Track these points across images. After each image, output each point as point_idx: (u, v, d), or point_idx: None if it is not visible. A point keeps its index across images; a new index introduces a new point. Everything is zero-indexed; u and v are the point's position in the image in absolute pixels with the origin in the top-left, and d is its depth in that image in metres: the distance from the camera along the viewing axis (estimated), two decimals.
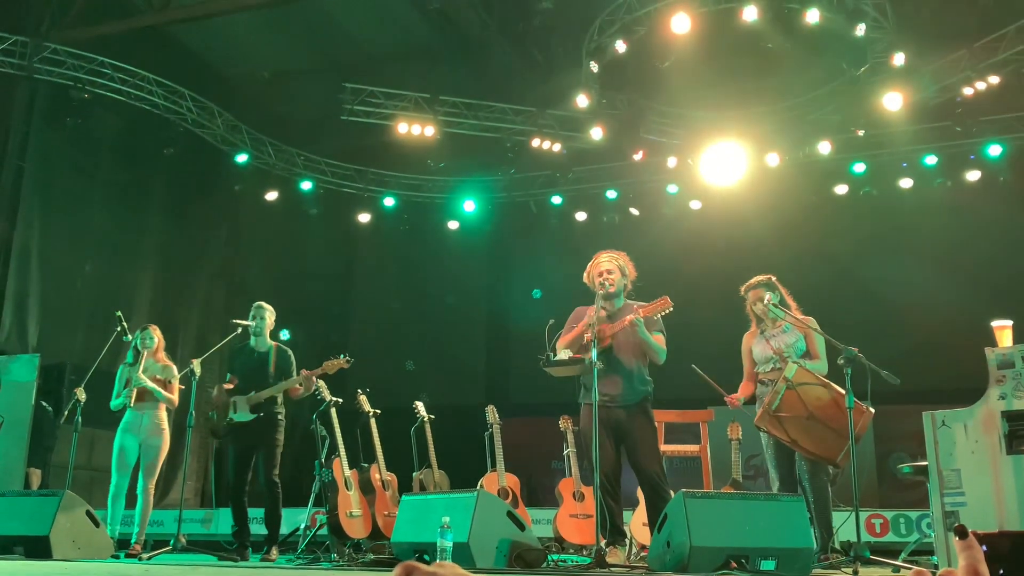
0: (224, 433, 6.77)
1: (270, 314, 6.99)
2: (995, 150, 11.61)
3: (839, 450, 5.26)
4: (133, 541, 6.79)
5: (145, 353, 7.08)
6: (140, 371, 6.99)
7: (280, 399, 6.82)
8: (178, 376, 7.19)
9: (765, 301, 5.70)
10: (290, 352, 6.93)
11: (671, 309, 5.66)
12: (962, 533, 0.67)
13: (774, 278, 5.95)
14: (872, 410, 5.36)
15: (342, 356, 6.92)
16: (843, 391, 5.22)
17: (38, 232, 10.53)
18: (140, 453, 7.01)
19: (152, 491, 7.03)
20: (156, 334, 7.23)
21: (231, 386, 6.82)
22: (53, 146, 10.87)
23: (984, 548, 0.67)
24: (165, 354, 7.33)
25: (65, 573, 4.68)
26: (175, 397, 7.17)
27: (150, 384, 6.97)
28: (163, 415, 7.10)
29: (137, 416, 7.00)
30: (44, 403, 9.01)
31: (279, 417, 6.79)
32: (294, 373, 6.83)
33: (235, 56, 12.83)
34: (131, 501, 7.03)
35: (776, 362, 5.72)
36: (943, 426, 4.90)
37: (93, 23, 10.72)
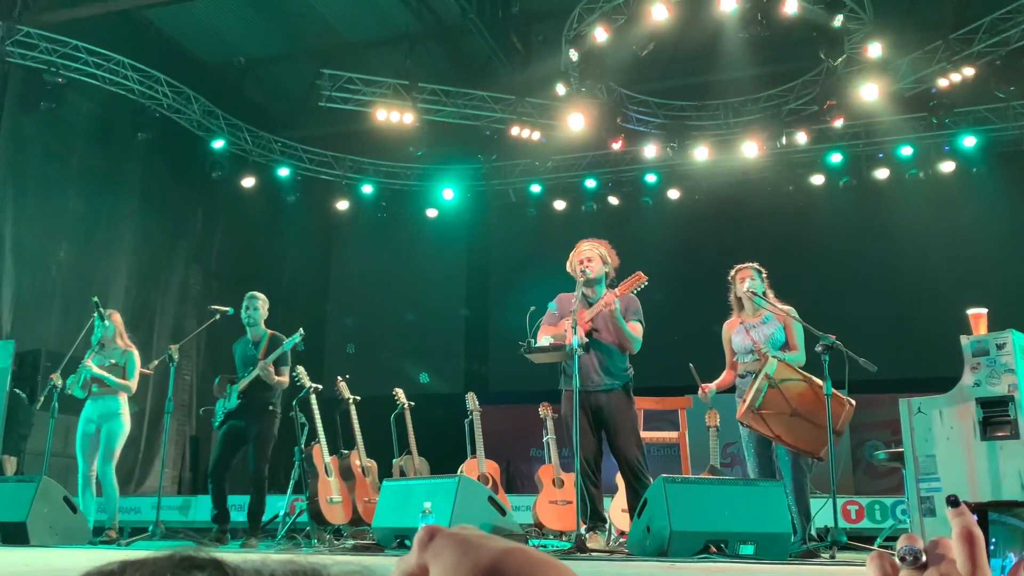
0: (221, 421, 6.78)
1: (263, 303, 6.99)
2: (969, 141, 11.74)
3: (822, 445, 5.31)
4: (107, 526, 6.69)
5: (105, 340, 6.99)
6: (90, 359, 6.88)
7: (277, 391, 6.81)
8: (139, 362, 7.08)
9: (744, 287, 5.73)
10: (284, 337, 6.88)
11: (646, 283, 5.69)
12: (954, 502, 0.69)
13: (763, 270, 5.97)
14: (853, 403, 5.42)
15: (297, 334, 6.87)
16: (822, 382, 5.27)
17: (11, 217, 10.39)
18: (101, 438, 6.90)
19: (114, 475, 6.92)
20: (115, 320, 7.14)
21: (231, 378, 6.84)
22: (26, 130, 10.72)
23: (975, 517, 0.70)
24: (128, 338, 7.23)
25: (43, 559, 4.65)
26: (132, 383, 7.00)
27: (98, 372, 6.84)
28: (122, 400, 6.96)
29: (94, 403, 6.91)
30: (18, 390, 8.92)
31: (271, 408, 6.76)
32: (286, 356, 6.84)
33: (211, 41, 12.71)
34: (100, 488, 6.95)
35: (755, 355, 5.73)
36: (919, 413, 4.97)
37: (67, 6, 10.57)
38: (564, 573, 0.51)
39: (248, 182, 13.00)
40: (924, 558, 0.63)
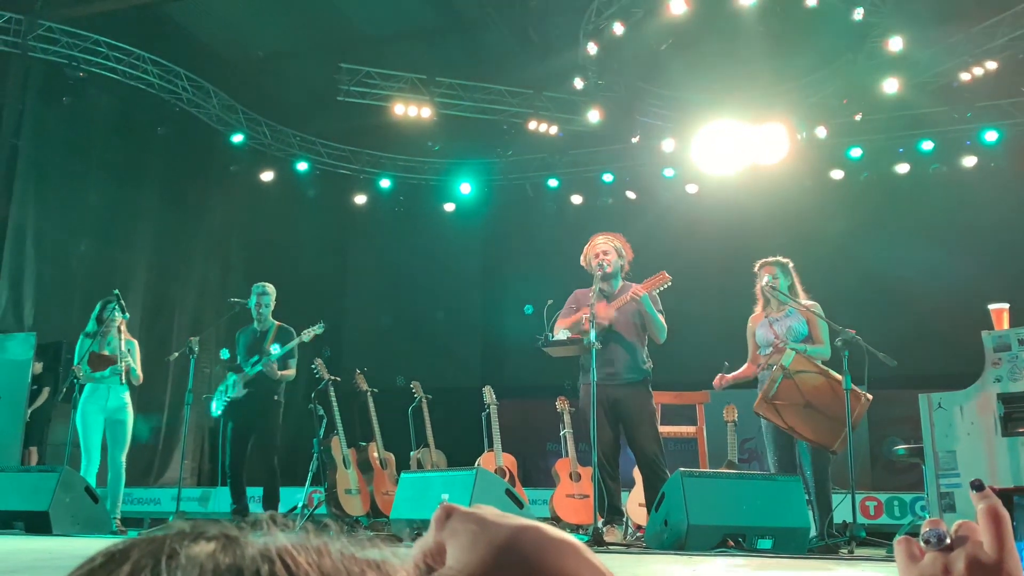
0: (225, 411, 6.82)
1: (273, 294, 7.06)
2: (991, 136, 11.62)
3: (836, 437, 5.29)
4: (113, 516, 6.63)
5: (108, 328, 6.99)
6: (104, 344, 6.89)
7: (282, 382, 6.87)
8: (139, 353, 7.11)
9: (764, 282, 5.71)
10: (292, 330, 6.94)
11: (670, 283, 5.68)
12: (979, 486, 0.69)
13: (791, 264, 5.95)
14: (870, 397, 5.39)
15: (319, 324, 7.02)
16: (840, 378, 5.24)
17: (33, 211, 10.48)
18: (106, 428, 6.90)
19: (123, 465, 6.92)
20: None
21: (237, 369, 6.89)
22: (48, 125, 10.80)
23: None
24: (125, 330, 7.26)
25: (65, 548, 4.70)
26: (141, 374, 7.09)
27: (133, 363, 6.90)
28: (127, 388, 6.99)
29: (99, 390, 6.89)
30: (43, 374, 9.02)
31: (275, 398, 6.82)
32: (295, 349, 6.90)
33: (231, 36, 12.75)
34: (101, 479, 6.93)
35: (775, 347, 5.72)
36: (939, 408, 4.94)
37: (88, 1, 10.64)
38: (578, 550, 0.52)
39: (267, 176, 13.05)
40: (949, 540, 0.63)
